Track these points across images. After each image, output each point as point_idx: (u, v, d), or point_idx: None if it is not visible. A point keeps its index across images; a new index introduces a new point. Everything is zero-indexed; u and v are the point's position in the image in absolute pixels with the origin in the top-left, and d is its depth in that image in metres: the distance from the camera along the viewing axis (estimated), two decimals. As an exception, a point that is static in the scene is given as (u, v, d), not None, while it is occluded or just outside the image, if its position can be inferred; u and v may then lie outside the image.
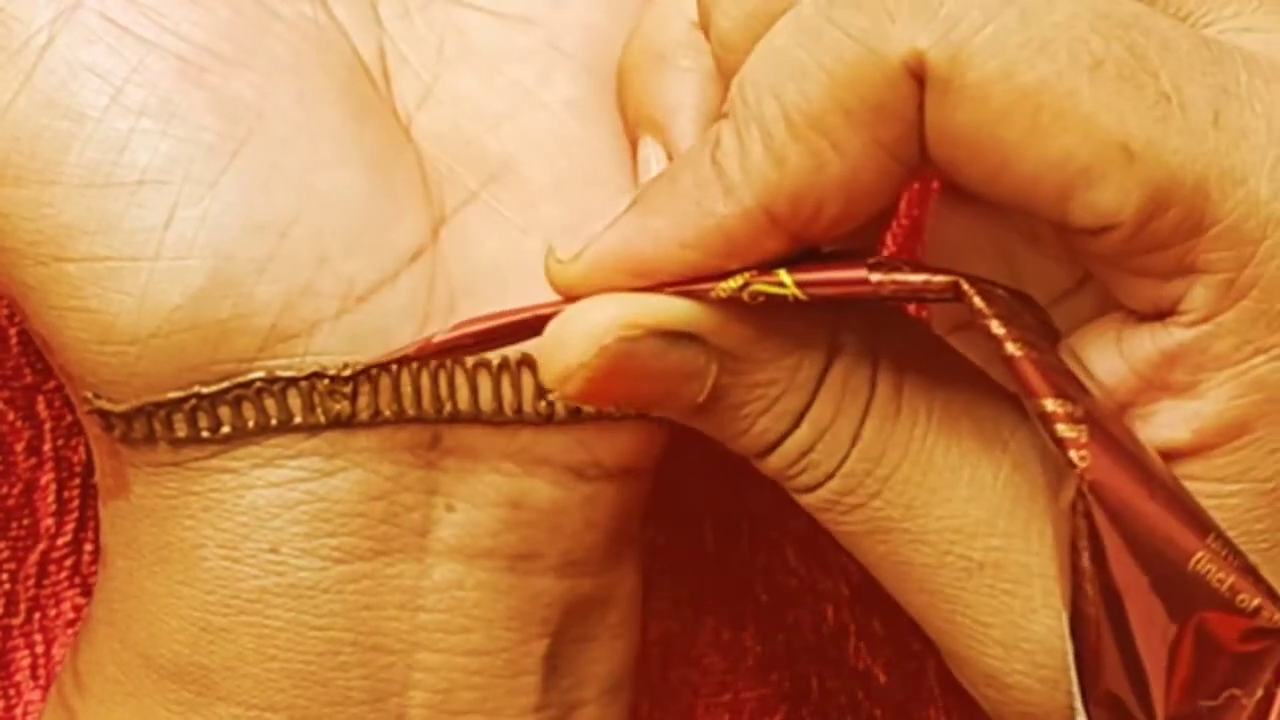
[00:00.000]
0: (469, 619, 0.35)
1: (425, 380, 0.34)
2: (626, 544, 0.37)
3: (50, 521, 0.41)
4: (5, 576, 0.41)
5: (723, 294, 0.30)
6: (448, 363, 0.34)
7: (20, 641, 0.41)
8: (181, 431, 0.33)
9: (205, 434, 0.33)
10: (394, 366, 0.34)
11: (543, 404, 0.34)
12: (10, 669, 0.41)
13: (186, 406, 0.33)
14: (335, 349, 0.33)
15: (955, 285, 0.29)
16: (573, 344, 0.30)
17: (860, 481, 0.31)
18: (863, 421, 0.31)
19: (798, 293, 0.29)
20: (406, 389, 0.34)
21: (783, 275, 0.29)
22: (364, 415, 0.33)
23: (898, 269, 0.29)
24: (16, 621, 0.41)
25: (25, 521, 0.41)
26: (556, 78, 0.36)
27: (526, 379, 0.34)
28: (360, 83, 0.35)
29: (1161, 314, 0.29)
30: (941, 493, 0.31)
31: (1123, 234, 0.28)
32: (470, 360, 0.34)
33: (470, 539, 0.34)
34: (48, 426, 0.41)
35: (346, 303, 0.33)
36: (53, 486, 0.41)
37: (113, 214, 0.32)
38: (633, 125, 0.34)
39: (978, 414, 0.31)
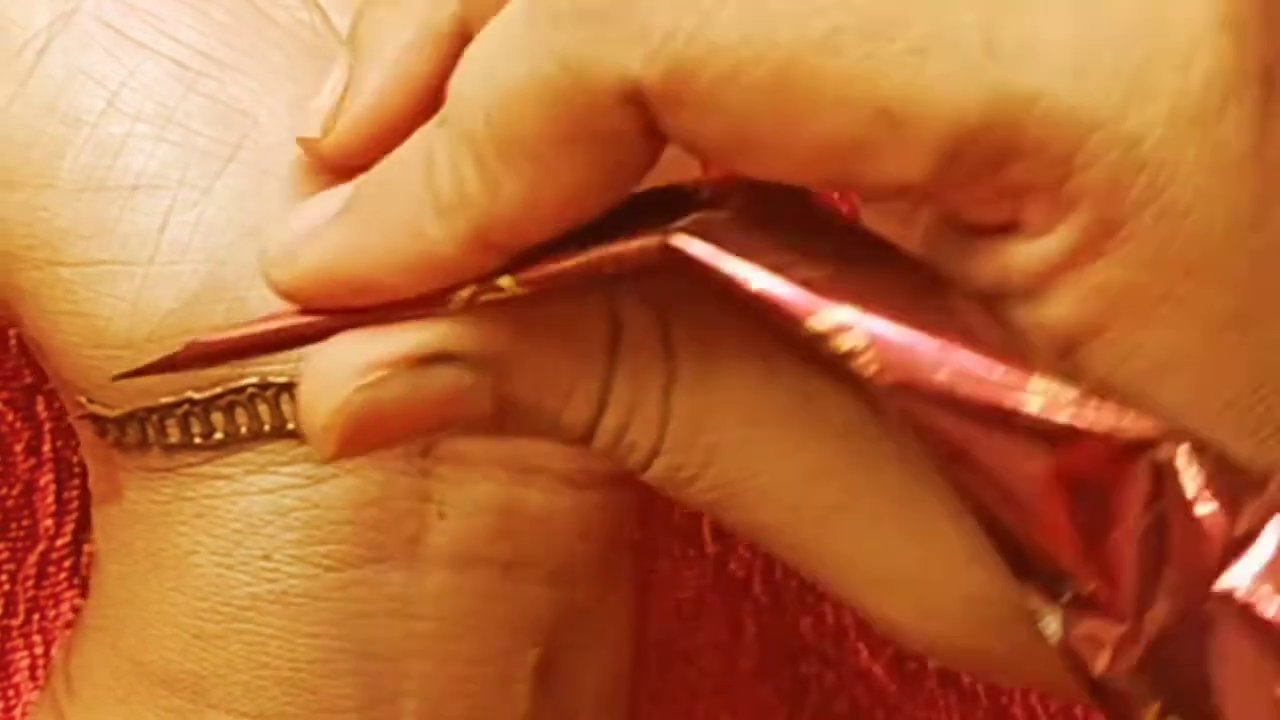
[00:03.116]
0: (461, 627, 0.35)
1: (418, 387, 0.34)
2: (620, 552, 0.37)
3: (49, 522, 0.41)
4: (4, 577, 0.41)
5: (459, 303, 0.27)
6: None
7: (19, 642, 0.41)
8: (174, 437, 0.33)
9: (198, 440, 0.33)
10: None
11: (536, 412, 0.34)
12: (9, 670, 0.41)
13: (179, 412, 0.33)
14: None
15: (664, 245, 0.26)
16: (312, 407, 0.27)
17: (687, 454, 0.28)
18: (669, 392, 0.28)
19: (520, 290, 0.27)
20: (400, 396, 0.34)
21: (504, 281, 0.27)
22: (358, 421, 0.33)
23: (612, 239, 0.26)
24: (15, 622, 0.41)
25: (25, 522, 0.41)
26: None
27: (520, 386, 0.34)
28: (356, 89, 0.35)
29: (1000, 227, 0.26)
30: (775, 443, 0.28)
31: (922, 191, 0.26)
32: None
33: (463, 546, 0.34)
34: (47, 427, 0.41)
35: None
36: (52, 487, 0.41)
37: (108, 218, 0.32)
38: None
39: (796, 353, 0.29)
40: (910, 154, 0.25)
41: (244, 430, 0.33)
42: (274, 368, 0.33)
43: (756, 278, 0.26)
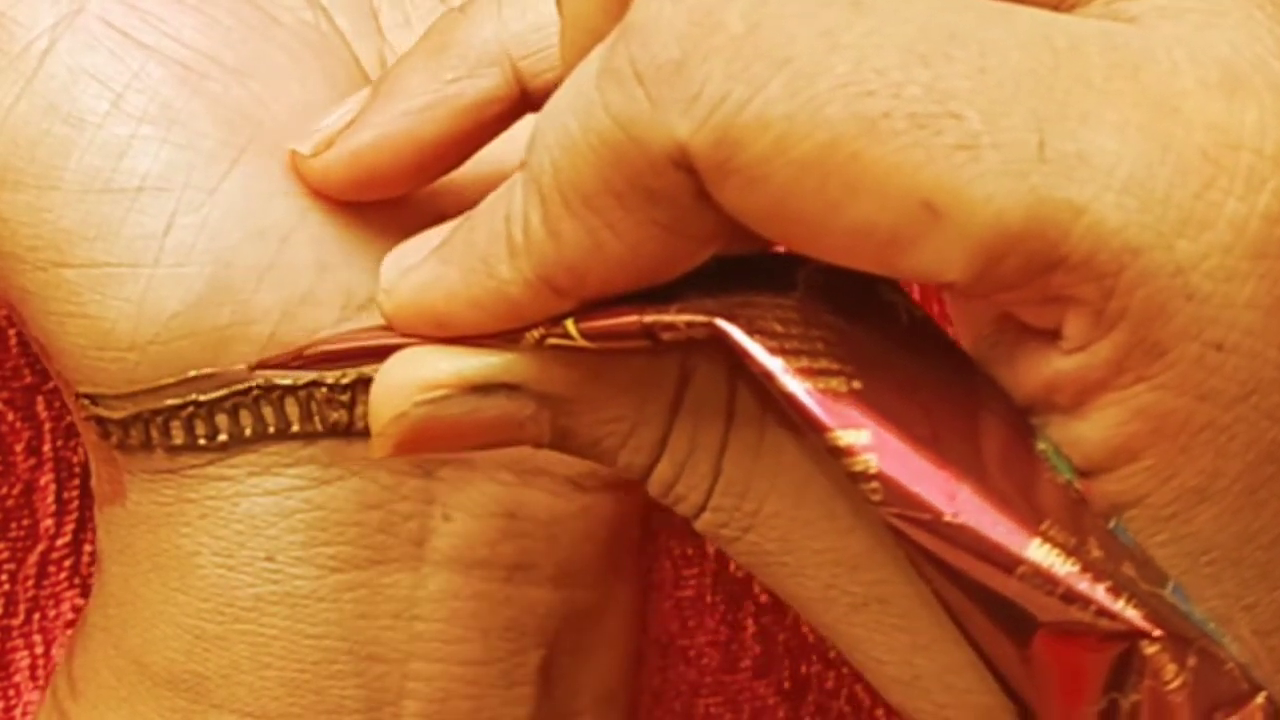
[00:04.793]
0: (464, 629, 0.35)
1: (423, 390, 0.34)
2: (624, 555, 0.37)
3: (50, 522, 0.41)
4: (5, 577, 0.41)
5: (531, 340, 0.28)
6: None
7: (20, 642, 0.41)
8: (178, 439, 0.33)
9: (202, 441, 0.33)
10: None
11: (540, 414, 0.34)
12: (9, 670, 0.41)
13: (184, 414, 0.33)
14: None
15: (711, 325, 0.26)
16: (376, 409, 0.28)
17: (730, 515, 0.29)
18: (722, 454, 0.28)
19: (586, 344, 0.27)
20: (404, 398, 0.34)
21: (569, 326, 0.27)
22: (361, 424, 0.33)
23: (665, 311, 0.27)
24: (16, 622, 0.41)
25: (25, 522, 0.41)
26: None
27: (524, 389, 0.34)
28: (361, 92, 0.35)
29: (1048, 333, 0.26)
30: (816, 525, 0.28)
31: (961, 288, 0.25)
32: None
33: (467, 549, 0.34)
34: (47, 427, 0.41)
35: (346, 311, 0.33)
36: (52, 487, 0.41)
37: (112, 220, 0.32)
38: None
39: None
40: (950, 250, 0.24)
41: (248, 432, 0.33)
42: (276, 371, 0.33)
43: (786, 380, 0.26)
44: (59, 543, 0.41)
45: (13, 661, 0.41)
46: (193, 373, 0.33)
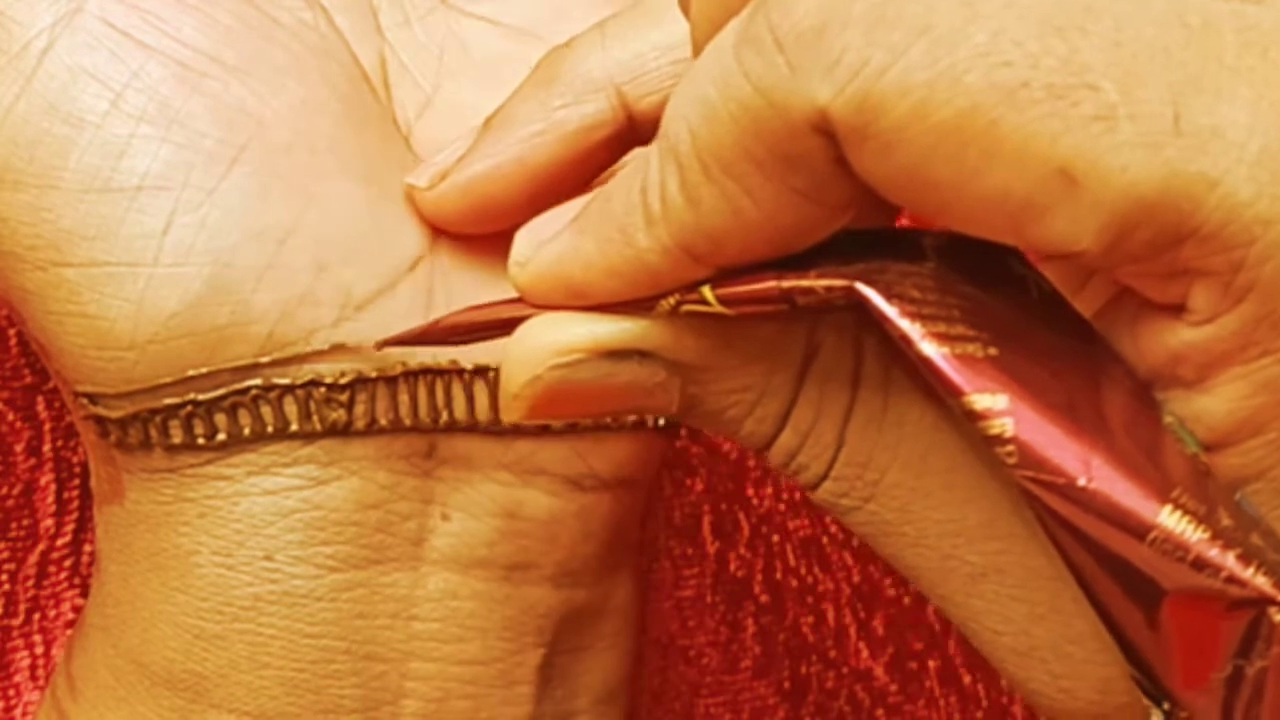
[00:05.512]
0: (463, 629, 0.35)
1: (421, 390, 0.34)
2: (623, 554, 0.37)
3: (50, 522, 0.41)
4: (5, 577, 0.41)
5: (665, 308, 0.28)
6: (444, 372, 0.34)
7: (20, 642, 0.41)
8: (177, 438, 0.33)
9: (201, 441, 0.33)
10: (394, 375, 0.34)
11: (539, 414, 0.34)
12: (9, 670, 0.41)
13: (183, 413, 0.33)
14: (332, 357, 0.33)
15: (851, 289, 0.27)
16: (510, 372, 0.29)
17: (851, 484, 0.29)
18: (845, 424, 0.29)
19: (723, 309, 0.28)
20: (403, 398, 0.34)
21: (705, 292, 0.28)
22: (360, 424, 0.34)
23: (804, 276, 0.27)
24: (16, 622, 0.41)
25: (25, 522, 0.41)
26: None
27: (523, 388, 0.34)
28: (361, 91, 0.35)
29: (1172, 307, 0.27)
30: (937, 496, 0.29)
31: (1091, 257, 0.25)
32: (467, 369, 0.34)
33: (465, 549, 0.35)
34: (48, 427, 0.41)
35: (344, 311, 0.33)
36: (52, 487, 0.41)
37: (112, 219, 0.32)
38: None
39: None
40: (1083, 219, 0.25)
41: (247, 431, 0.33)
42: (277, 369, 0.33)
43: (923, 344, 0.26)
44: (59, 543, 0.41)
45: (13, 661, 0.41)
46: (191, 372, 0.33)
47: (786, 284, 0.27)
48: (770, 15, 0.25)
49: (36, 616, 0.41)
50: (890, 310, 0.27)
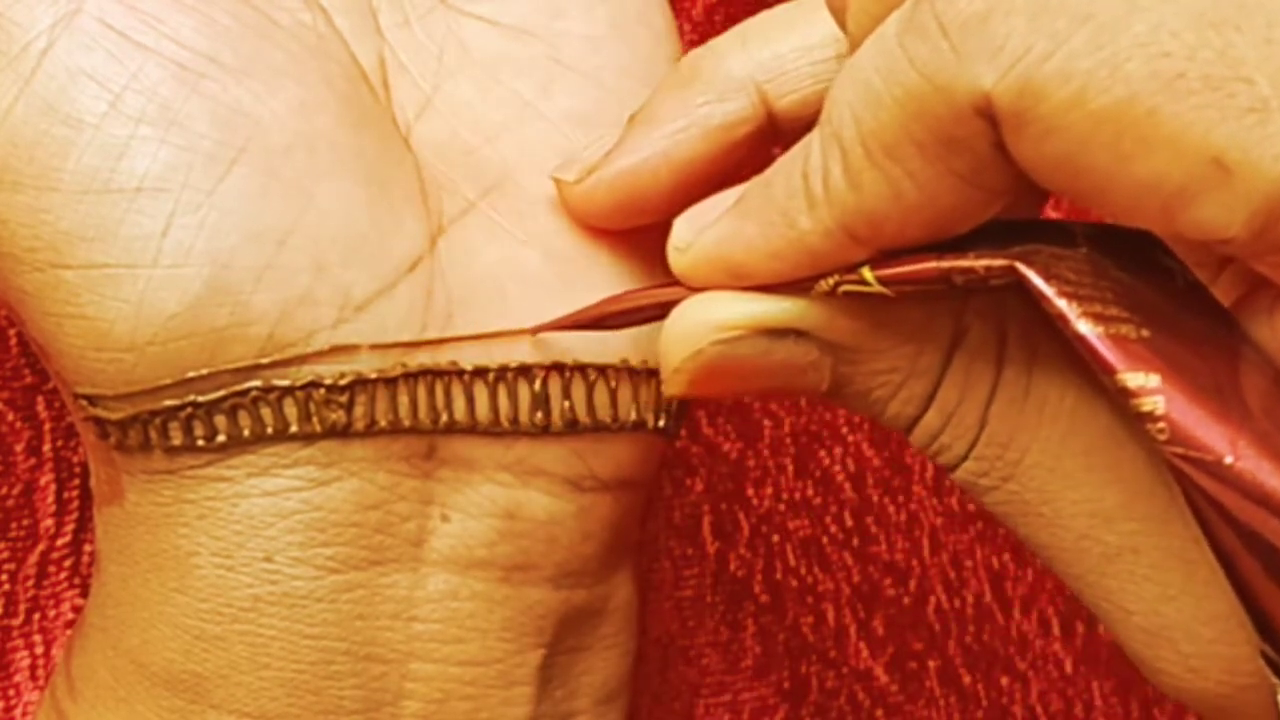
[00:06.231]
0: (463, 629, 0.35)
1: (421, 391, 0.34)
2: (623, 555, 0.37)
3: (50, 522, 0.41)
4: (5, 577, 0.41)
5: (824, 289, 0.30)
6: (444, 373, 0.34)
7: (20, 642, 0.41)
8: (177, 439, 0.33)
9: (201, 442, 0.33)
10: (394, 376, 0.34)
11: (538, 415, 0.34)
12: (9, 670, 0.41)
13: (182, 414, 0.33)
14: (332, 358, 0.33)
15: (1011, 268, 0.28)
16: (671, 347, 0.31)
17: (992, 464, 0.31)
18: (988, 405, 0.31)
19: (883, 289, 0.29)
20: (402, 399, 0.34)
21: (865, 273, 0.29)
22: (360, 425, 0.34)
23: (963, 257, 0.29)
24: (16, 622, 0.41)
25: (25, 522, 0.41)
26: (556, 89, 0.36)
27: (522, 389, 0.34)
28: (360, 92, 0.35)
29: None
30: (1075, 477, 0.30)
31: (1238, 245, 0.27)
32: (466, 370, 0.34)
33: (465, 549, 0.35)
34: (48, 427, 0.41)
35: (344, 312, 0.33)
36: (52, 487, 0.41)
37: (110, 221, 0.32)
38: None
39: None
40: (1234, 207, 0.26)
41: (246, 433, 0.33)
42: (276, 371, 0.33)
43: (1080, 322, 0.28)
44: (59, 543, 0.41)
45: (13, 661, 0.41)
46: (191, 373, 0.33)
47: (946, 264, 0.29)
48: (935, 4, 0.27)
49: (36, 616, 0.41)
50: (1048, 289, 0.28)
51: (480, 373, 0.34)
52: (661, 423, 0.36)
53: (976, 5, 0.26)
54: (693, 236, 0.31)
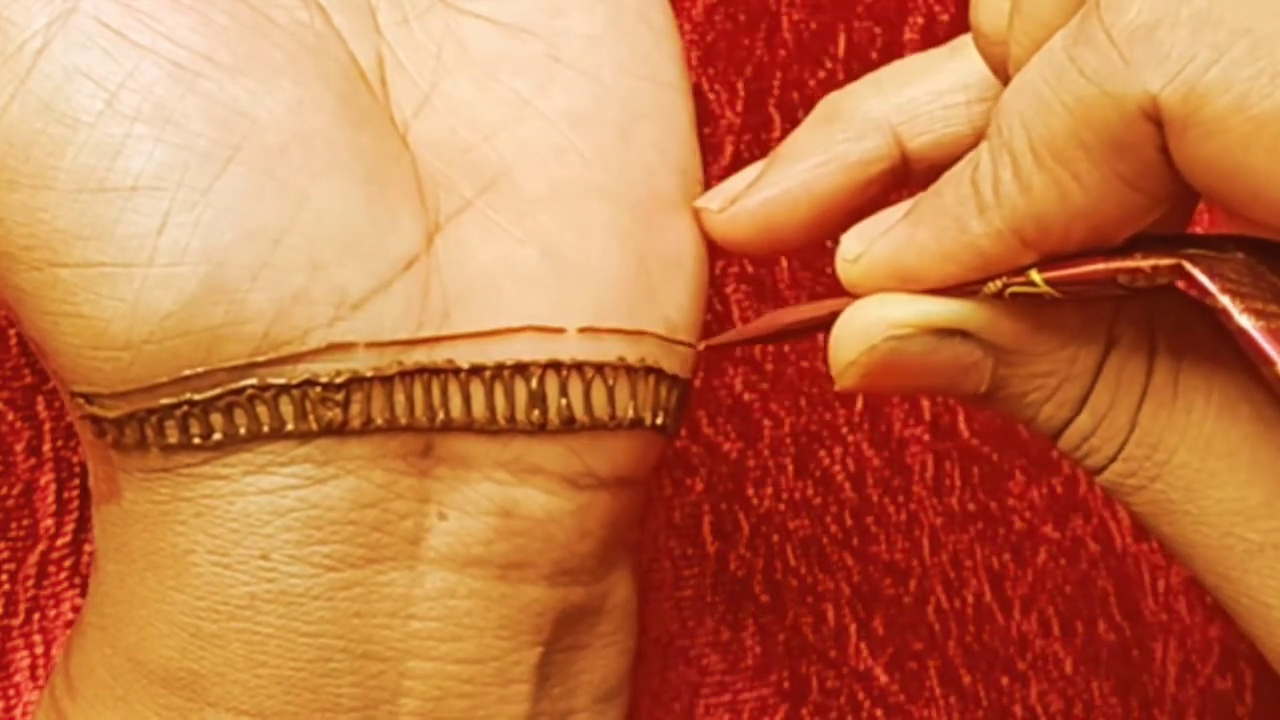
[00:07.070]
0: (460, 627, 0.35)
1: (418, 389, 0.34)
2: (621, 553, 0.37)
3: (50, 522, 0.41)
4: (5, 577, 0.41)
5: (990, 292, 0.32)
6: (440, 371, 0.34)
7: (20, 642, 0.41)
8: (173, 438, 0.33)
9: (197, 440, 0.33)
10: (390, 375, 0.34)
11: (535, 413, 0.34)
12: (9, 670, 0.41)
13: (178, 413, 0.33)
14: (328, 356, 0.33)
15: (1178, 267, 0.30)
16: (846, 342, 0.32)
17: (1140, 465, 0.32)
18: (1139, 408, 0.32)
19: (1051, 291, 0.31)
20: (399, 397, 0.34)
21: (1034, 275, 0.31)
22: (356, 423, 0.34)
23: (1130, 258, 0.30)
24: (16, 622, 0.41)
25: (25, 522, 0.41)
26: (554, 88, 0.36)
27: (519, 387, 0.34)
28: (357, 90, 0.35)
29: None
30: (1220, 476, 0.32)
31: None
32: (463, 369, 0.34)
33: (462, 547, 0.35)
34: (48, 427, 0.41)
35: (340, 310, 0.33)
36: (52, 487, 0.41)
37: (106, 219, 0.32)
38: None
39: (1257, 397, 0.32)
40: None
41: (243, 431, 0.33)
42: (272, 369, 0.33)
43: (1241, 317, 0.29)
44: (59, 543, 0.41)
45: (13, 661, 0.41)
46: (187, 372, 0.33)
47: (1113, 265, 0.30)
48: (1104, 16, 0.29)
49: (36, 616, 0.41)
50: (1212, 286, 0.29)
51: (477, 371, 0.34)
52: (660, 420, 0.36)
53: (1144, 17, 0.28)
54: (863, 247, 0.33)
